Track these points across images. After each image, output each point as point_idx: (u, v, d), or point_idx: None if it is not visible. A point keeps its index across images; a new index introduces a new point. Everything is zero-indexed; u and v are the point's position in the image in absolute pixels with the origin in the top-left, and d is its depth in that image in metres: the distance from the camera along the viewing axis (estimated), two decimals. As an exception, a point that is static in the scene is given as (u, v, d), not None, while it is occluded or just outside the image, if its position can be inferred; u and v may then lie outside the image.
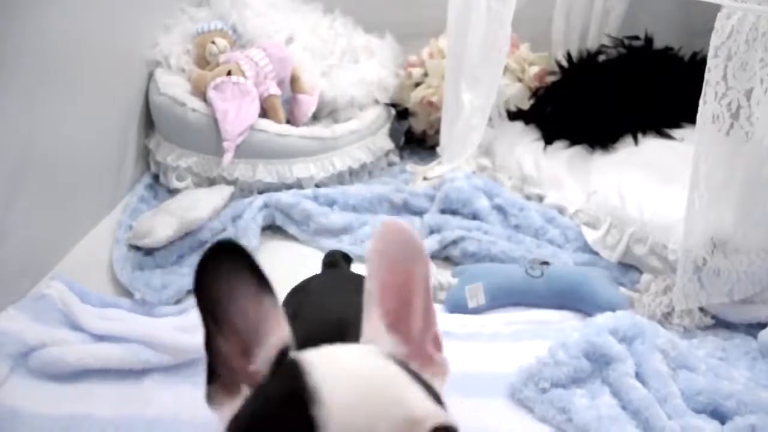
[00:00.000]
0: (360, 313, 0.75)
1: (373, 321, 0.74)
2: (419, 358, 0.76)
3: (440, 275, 1.91)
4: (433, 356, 0.79)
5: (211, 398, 0.71)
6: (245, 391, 0.70)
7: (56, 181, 1.87)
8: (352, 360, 0.68)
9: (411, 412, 0.61)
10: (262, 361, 0.70)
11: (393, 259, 0.73)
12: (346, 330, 0.80)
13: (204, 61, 2.48)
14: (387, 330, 0.75)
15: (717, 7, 1.53)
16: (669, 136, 2.32)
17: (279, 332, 0.71)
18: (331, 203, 2.27)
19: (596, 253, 2.03)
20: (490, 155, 2.57)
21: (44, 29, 1.76)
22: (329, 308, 1.14)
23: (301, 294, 1.30)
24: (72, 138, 1.94)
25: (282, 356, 0.70)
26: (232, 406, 0.69)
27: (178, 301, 1.85)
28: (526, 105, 2.70)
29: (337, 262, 1.66)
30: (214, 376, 0.72)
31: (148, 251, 2.03)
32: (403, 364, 0.69)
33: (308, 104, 2.55)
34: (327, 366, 0.64)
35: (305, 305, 1.19)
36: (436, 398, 0.69)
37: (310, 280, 1.40)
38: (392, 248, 0.72)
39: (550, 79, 2.70)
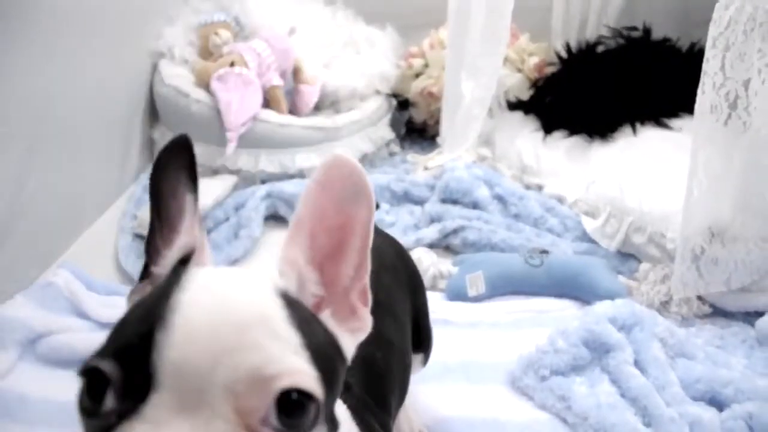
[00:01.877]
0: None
1: (293, 248, 0.67)
2: (341, 307, 0.69)
3: (441, 264, 1.92)
4: (357, 309, 0.71)
5: (129, 295, 0.67)
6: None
7: (62, 172, 1.89)
8: (229, 287, 0.60)
9: (261, 365, 0.54)
10: (167, 263, 0.67)
11: (334, 195, 0.66)
12: None
13: (207, 52, 2.50)
14: (307, 264, 0.68)
15: (715, -2, 1.54)
16: (667, 126, 2.34)
17: (188, 237, 0.67)
18: (333, 193, 2.26)
19: (595, 242, 2.04)
20: (490, 145, 2.58)
21: (50, 19, 1.78)
22: None
23: None
24: (77, 129, 1.95)
25: (183, 262, 0.65)
26: None
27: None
28: (525, 95, 2.71)
29: None
30: (145, 273, 0.68)
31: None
32: (294, 305, 0.62)
33: (310, 95, 2.57)
34: (200, 288, 0.58)
35: None
36: (331, 353, 0.65)
37: None
38: (335, 183, 0.65)
39: (550, 69, 2.71)
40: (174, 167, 0.67)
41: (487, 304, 1.84)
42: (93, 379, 0.55)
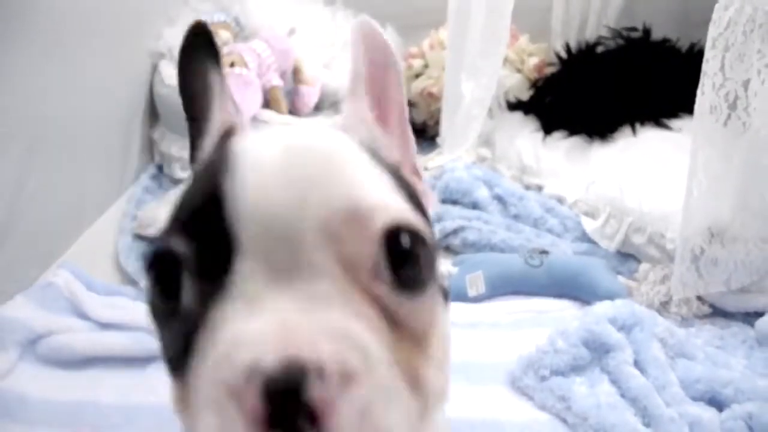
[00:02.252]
0: None
1: (357, 102, 0.62)
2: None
3: (441, 264, 1.91)
4: (415, 184, 0.62)
5: None
6: None
7: (62, 172, 1.89)
8: (298, 133, 0.49)
9: (357, 196, 0.44)
10: (207, 149, 0.60)
11: (370, 59, 0.64)
12: None
13: (207, 52, 2.49)
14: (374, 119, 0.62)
15: (714, -1, 1.54)
16: (667, 127, 2.34)
17: (223, 115, 0.62)
18: (333, 193, 2.26)
19: (595, 243, 2.04)
20: (489, 145, 2.58)
21: (49, 19, 1.78)
22: None
23: None
24: (76, 129, 1.95)
25: (225, 139, 0.56)
26: None
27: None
28: (525, 96, 2.71)
29: None
30: None
31: (153, 240, 2.04)
32: (373, 151, 0.53)
33: (310, 95, 2.56)
34: (260, 137, 0.49)
35: None
36: (423, 207, 0.56)
37: None
38: (370, 50, 0.64)
39: (549, 70, 2.71)
40: (198, 58, 0.64)
41: (487, 304, 1.83)
42: (162, 270, 0.47)
